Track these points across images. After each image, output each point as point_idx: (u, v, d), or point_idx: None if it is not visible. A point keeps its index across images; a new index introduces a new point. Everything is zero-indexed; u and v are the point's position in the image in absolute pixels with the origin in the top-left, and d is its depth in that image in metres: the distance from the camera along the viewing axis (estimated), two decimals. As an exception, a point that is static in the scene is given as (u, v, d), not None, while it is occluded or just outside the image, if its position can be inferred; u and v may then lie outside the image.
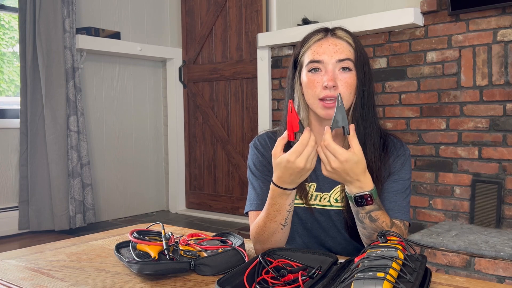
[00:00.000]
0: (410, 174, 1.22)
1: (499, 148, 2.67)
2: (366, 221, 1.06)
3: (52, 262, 1.14)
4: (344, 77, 1.14)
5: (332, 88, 1.12)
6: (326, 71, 1.14)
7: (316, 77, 1.15)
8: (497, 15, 2.65)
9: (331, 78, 1.12)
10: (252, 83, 3.98)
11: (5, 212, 3.49)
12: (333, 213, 1.22)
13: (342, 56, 1.14)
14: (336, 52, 1.14)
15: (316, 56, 1.15)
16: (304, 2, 3.54)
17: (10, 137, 3.54)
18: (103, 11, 4.00)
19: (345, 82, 1.13)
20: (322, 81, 1.13)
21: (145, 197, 4.36)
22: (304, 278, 0.90)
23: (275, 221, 1.11)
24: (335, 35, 1.18)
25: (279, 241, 1.15)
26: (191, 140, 4.45)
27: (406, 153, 1.23)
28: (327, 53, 1.14)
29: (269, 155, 1.24)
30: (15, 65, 3.83)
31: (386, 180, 1.18)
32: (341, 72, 1.14)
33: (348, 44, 1.17)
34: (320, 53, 1.15)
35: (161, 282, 0.99)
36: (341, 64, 1.14)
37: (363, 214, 1.06)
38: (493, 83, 2.68)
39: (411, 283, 0.78)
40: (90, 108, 3.93)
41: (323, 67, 1.14)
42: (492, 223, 2.67)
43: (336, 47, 1.15)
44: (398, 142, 1.24)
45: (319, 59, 1.15)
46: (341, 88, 1.13)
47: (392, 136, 1.26)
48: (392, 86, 3.06)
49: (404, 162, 1.21)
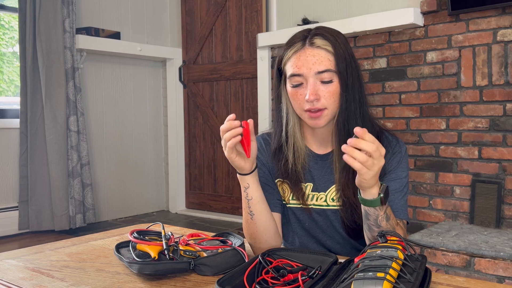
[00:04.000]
0: (407, 172, 1.21)
1: (499, 148, 2.67)
2: (383, 223, 1.05)
3: (52, 262, 1.14)
4: (326, 87, 1.13)
5: (314, 100, 1.13)
6: (307, 84, 1.13)
7: (298, 90, 1.15)
8: (497, 15, 2.65)
9: (312, 92, 1.12)
10: (252, 83, 3.98)
11: (5, 212, 3.49)
12: (330, 213, 1.22)
13: (321, 67, 1.12)
14: (315, 64, 1.13)
15: (295, 69, 1.14)
16: (304, 2, 3.53)
17: (10, 137, 3.54)
18: (103, 11, 4.00)
19: (327, 92, 1.13)
20: (304, 94, 1.14)
21: (145, 197, 4.36)
22: (304, 278, 0.90)
23: (243, 209, 1.18)
24: (313, 44, 1.14)
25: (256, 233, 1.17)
26: (191, 140, 4.45)
27: (402, 150, 1.21)
28: (306, 66, 1.13)
29: (264, 156, 1.28)
30: (15, 65, 3.83)
31: (382, 179, 1.17)
32: (322, 84, 1.13)
33: (327, 52, 1.14)
34: (299, 66, 1.14)
35: (161, 282, 0.99)
36: (322, 77, 1.13)
37: (382, 216, 1.04)
38: (493, 83, 2.68)
39: (411, 283, 0.78)
40: (90, 108, 3.93)
41: (304, 80, 1.14)
42: (492, 223, 2.67)
43: (314, 58, 1.13)
44: (394, 139, 1.23)
45: (299, 73, 1.14)
46: (324, 100, 1.13)
47: (387, 132, 1.24)
48: (392, 86, 3.06)
49: (401, 160, 1.20)
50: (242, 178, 1.14)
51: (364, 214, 1.07)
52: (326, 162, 1.24)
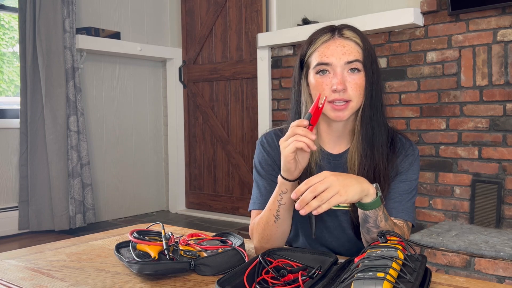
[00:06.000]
0: (417, 175, 1.21)
1: (499, 148, 2.67)
2: (382, 223, 1.05)
3: (52, 262, 1.14)
4: (353, 78, 1.12)
5: (341, 91, 1.11)
6: (335, 73, 1.12)
7: (324, 80, 1.13)
8: (497, 15, 2.65)
9: (340, 82, 1.10)
10: (252, 83, 3.98)
11: (5, 212, 3.49)
12: (340, 214, 1.21)
13: (350, 57, 1.12)
14: (345, 54, 1.12)
15: (324, 58, 1.13)
16: (304, 2, 3.54)
17: (10, 137, 3.54)
18: (103, 11, 4.00)
19: (355, 83, 1.12)
20: (330, 83, 1.11)
21: (145, 197, 4.36)
22: (304, 278, 0.90)
23: (269, 210, 1.13)
24: (342, 35, 1.14)
25: (273, 236, 1.15)
26: (191, 140, 4.45)
27: (414, 153, 1.21)
28: (335, 55, 1.12)
29: (276, 154, 1.24)
30: (15, 65, 3.83)
31: (393, 180, 1.17)
32: (349, 74, 1.12)
33: (356, 44, 1.14)
34: (328, 55, 1.12)
35: (161, 282, 0.98)
36: (350, 66, 1.12)
37: (381, 216, 1.04)
38: (493, 83, 2.68)
39: (411, 283, 0.78)
40: (90, 108, 3.93)
41: (332, 69, 1.12)
42: (492, 223, 2.67)
43: (344, 49, 1.12)
44: (407, 141, 1.23)
45: (327, 62, 1.12)
46: (351, 90, 1.11)
47: (401, 135, 1.24)
48: (392, 86, 3.06)
49: (412, 162, 1.20)
50: (284, 183, 1.09)
51: (363, 218, 1.06)
52: (339, 161, 1.22)
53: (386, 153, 1.16)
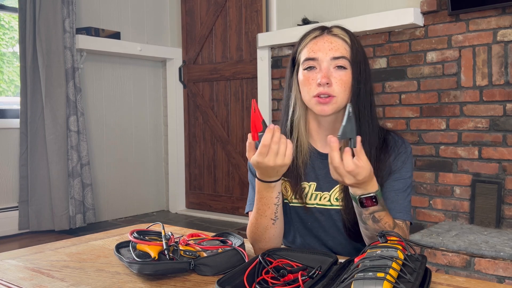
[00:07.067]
0: (411, 172, 1.21)
1: (499, 148, 2.67)
2: (369, 222, 1.06)
3: (52, 262, 1.14)
4: (338, 74, 1.14)
5: (325, 85, 1.12)
6: (321, 68, 1.14)
7: (311, 75, 1.15)
8: (497, 15, 2.65)
9: (324, 75, 1.12)
10: (252, 83, 3.98)
11: (5, 212, 3.49)
12: (333, 212, 1.21)
13: (337, 53, 1.14)
14: (331, 50, 1.14)
15: (311, 53, 1.16)
16: (304, 2, 3.54)
17: (10, 137, 3.54)
18: (103, 11, 4.00)
19: (340, 79, 1.13)
20: (316, 78, 1.14)
21: (145, 197, 4.36)
22: (304, 278, 0.90)
23: (265, 216, 1.12)
24: (331, 32, 1.18)
25: (274, 238, 1.15)
26: (191, 140, 4.45)
27: (407, 151, 1.21)
28: (322, 51, 1.14)
29: None
30: (15, 65, 3.83)
31: (387, 178, 1.17)
32: (336, 70, 1.14)
33: (344, 42, 1.16)
34: (315, 51, 1.15)
35: (161, 282, 0.98)
36: (336, 62, 1.14)
37: (366, 215, 1.05)
38: (493, 83, 2.68)
39: (411, 283, 0.78)
40: (90, 108, 3.93)
41: (318, 65, 1.15)
42: (492, 223, 2.67)
43: (332, 45, 1.15)
44: (399, 139, 1.23)
45: (314, 57, 1.15)
46: (335, 86, 1.13)
47: (393, 133, 1.24)
48: (392, 86, 3.06)
49: (406, 160, 1.20)
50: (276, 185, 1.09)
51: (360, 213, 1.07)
52: None
53: (375, 153, 1.16)
